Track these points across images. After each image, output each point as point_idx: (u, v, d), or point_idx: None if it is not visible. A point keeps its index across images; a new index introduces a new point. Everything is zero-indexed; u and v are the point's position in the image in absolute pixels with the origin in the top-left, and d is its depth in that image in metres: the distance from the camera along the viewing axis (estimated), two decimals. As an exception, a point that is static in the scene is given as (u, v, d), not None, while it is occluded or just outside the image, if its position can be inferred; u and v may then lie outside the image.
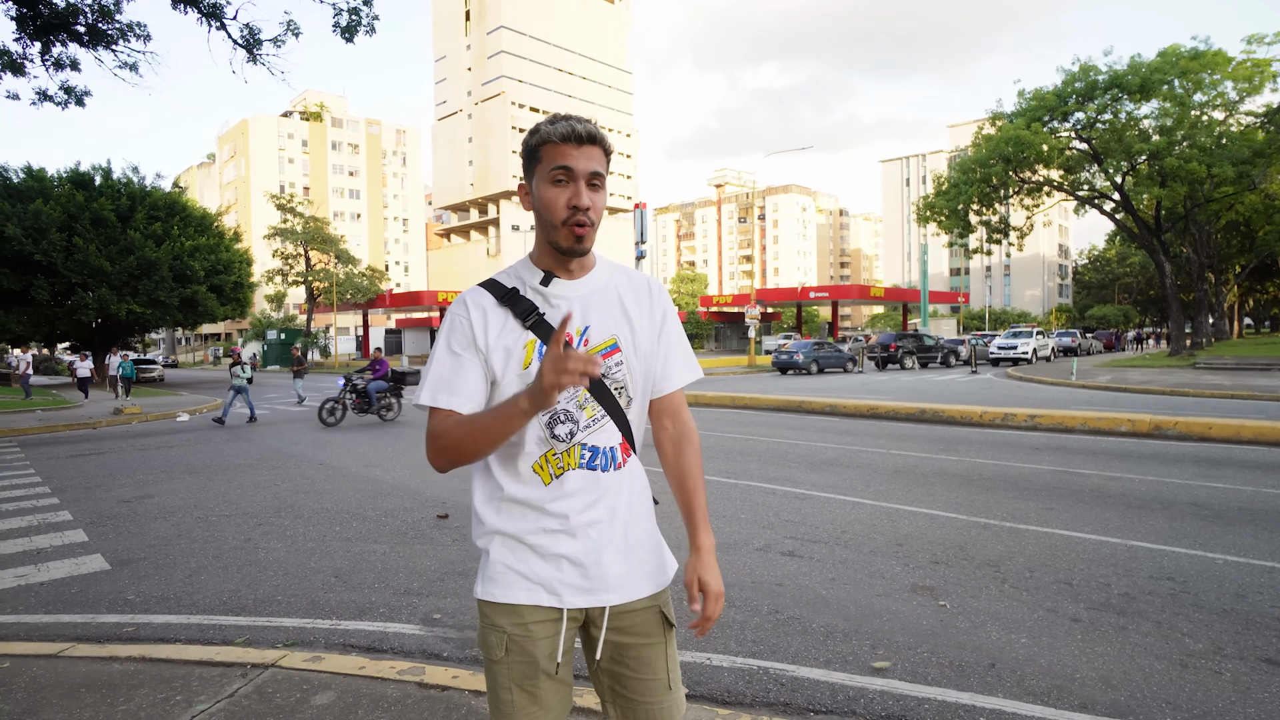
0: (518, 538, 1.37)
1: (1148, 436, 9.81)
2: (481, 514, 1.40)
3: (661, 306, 1.48)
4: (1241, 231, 39.06)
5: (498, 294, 1.38)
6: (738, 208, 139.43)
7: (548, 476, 1.36)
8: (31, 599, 4.31)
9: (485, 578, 1.39)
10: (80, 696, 2.91)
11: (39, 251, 26.83)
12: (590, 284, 1.41)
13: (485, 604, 1.39)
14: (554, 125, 1.32)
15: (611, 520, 1.39)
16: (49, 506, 6.85)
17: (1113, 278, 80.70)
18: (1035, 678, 2.95)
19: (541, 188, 1.34)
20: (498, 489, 1.39)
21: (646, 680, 1.42)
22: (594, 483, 1.37)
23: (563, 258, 1.38)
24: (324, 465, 8.87)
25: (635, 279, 1.48)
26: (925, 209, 32.85)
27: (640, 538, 1.44)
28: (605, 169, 1.36)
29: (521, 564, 1.36)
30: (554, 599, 1.36)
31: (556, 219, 1.32)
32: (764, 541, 5.01)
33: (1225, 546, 4.67)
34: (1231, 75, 26.42)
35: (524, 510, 1.37)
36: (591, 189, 1.33)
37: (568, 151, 1.31)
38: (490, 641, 1.37)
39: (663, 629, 1.44)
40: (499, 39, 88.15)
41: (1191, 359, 26.77)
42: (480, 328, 1.35)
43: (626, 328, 1.41)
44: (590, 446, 1.37)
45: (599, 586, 1.37)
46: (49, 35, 10.85)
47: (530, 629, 1.35)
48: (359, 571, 4.60)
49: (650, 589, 1.43)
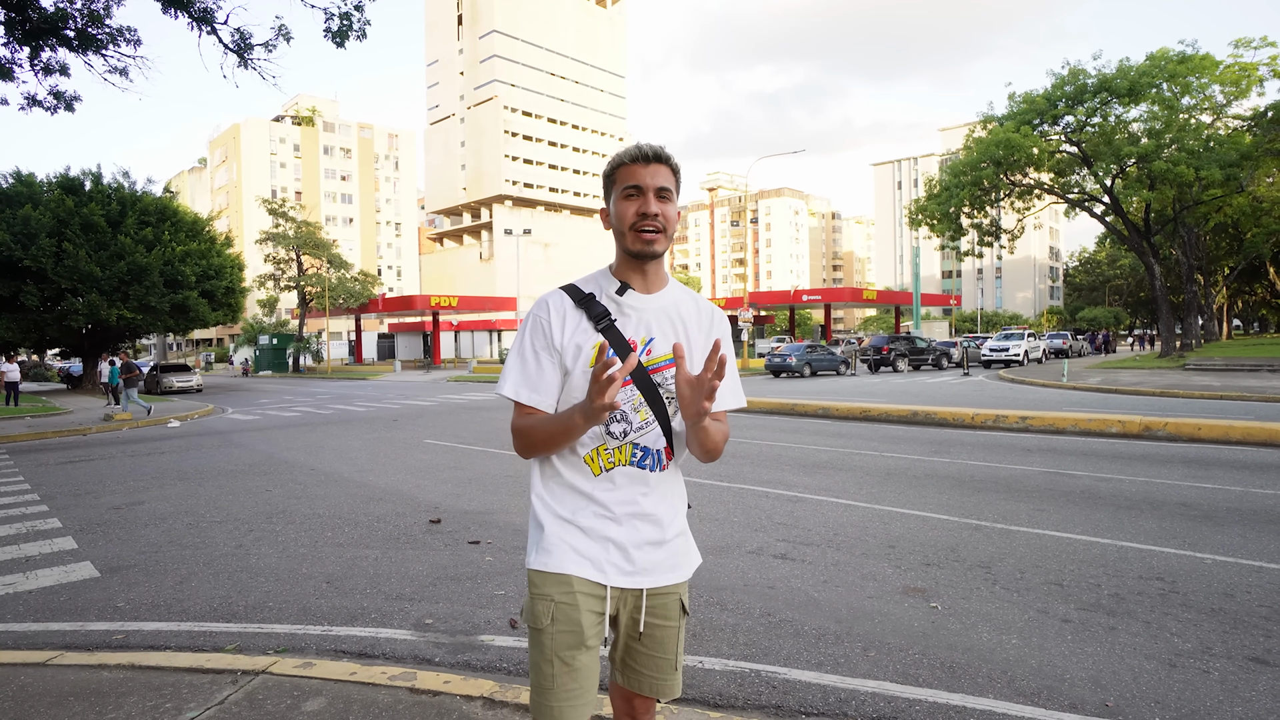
0: (570, 519, 1.52)
1: (1138, 438, 9.87)
2: (539, 491, 1.57)
3: (719, 335, 1.59)
4: (1230, 234, 39.38)
5: (576, 297, 1.54)
6: (730, 211, 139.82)
7: (597, 468, 1.52)
8: (20, 607, 4.27)
9: (540, 549, 1.53)
10: (69, 705, 2.89)
11: (28, 257, 26.64)
12: (660, 300, 1.56)
13: (536, 574, 1.52)
14: (626, 150, 1.51)
15: (652, 515, 1.54)
16: (38, 514, 6.79)
17: (1103, 280, 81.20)
18: (1026, 678, 2.96)
19: (616, 204, 1.52)
20: (555, 473, 1.55)
21: (657, 658, 1.59)
22: (641, 480, 1.54)
23: (638, 264, 1.53)
24: (316, 471, 8.84)
25: (702, 306, 1.63)
26: (917, 212, 32.99)
27: (675, 533, 1.59)
28: (674, 185, 1.52)
29: (574, 540, 1.51)
30: (600, 575, 1.50)
31: (625, 226, 1.49)
32: (756, 544, 5.02)
33: (1214, 546, 4.70)
34: (1219, 79, 26.66)
35: (575, 495, 1.53)
36: (660, 200, 1.49)
37: (637, 170, 1.49)
38: (538, 611, 1.50)
39: (680, 615, 1.61)
40: (491, 43, 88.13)
41: (1181, 360, 26.95)
42: (559, 328, 1.52)
43: (686, 346, 1.54)
44: (642, 447, 1.54)
45: (638, 570, 1.53)
46: (38, 40, 10.80)
47: (577, 599, 1.49)
48: (351, 577, 4.59)
49: (678, 578, 1.59)
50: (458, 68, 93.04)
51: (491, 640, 3.53)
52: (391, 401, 20.60)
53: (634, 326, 1.52)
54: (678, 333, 1.55)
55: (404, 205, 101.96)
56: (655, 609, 1.57)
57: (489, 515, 6.15)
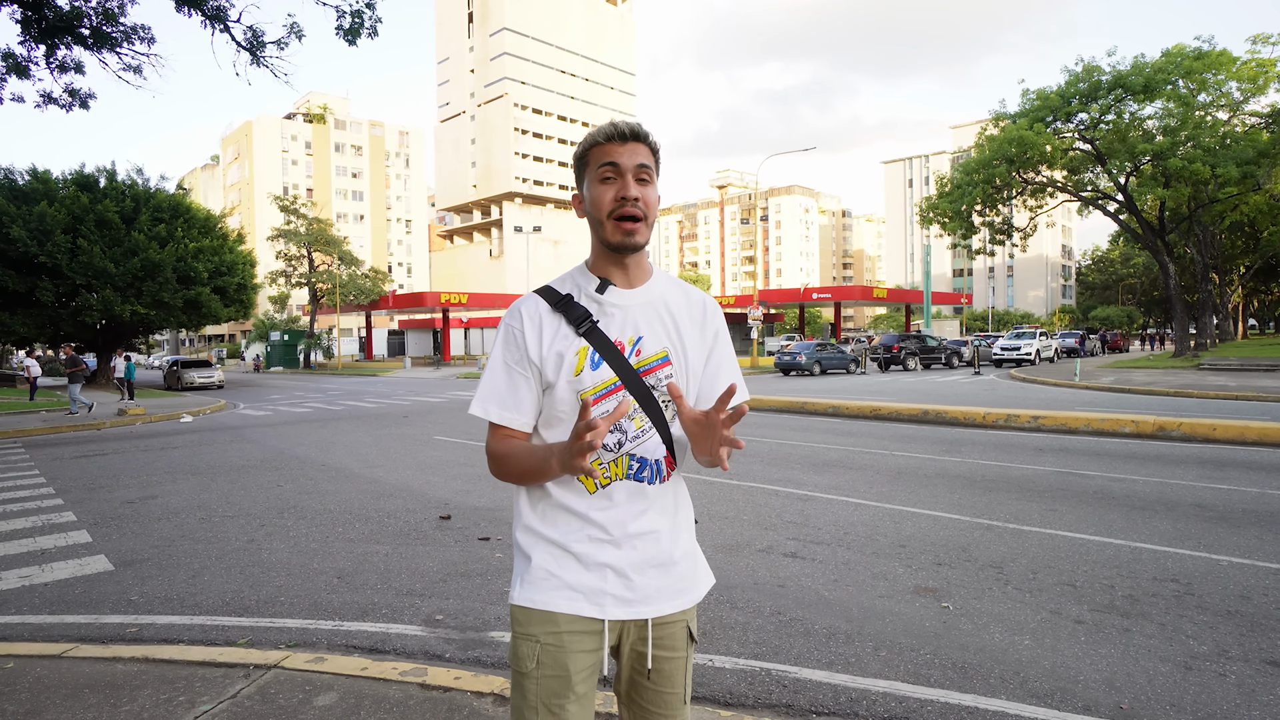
0: (562, 545, 1.35)
1: (1152, 438, 9.78)
2: (526, 518, 1.39)
3: (714, 327, 1.46)
4: (1246, 232, 38.96)
5: (552, 301, 1.38)
6: (740, 209, 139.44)
7: (593, 485, 1.35)
8: (35, 600, 4.32)
9: (525, 582, 1.36)
10: (83, 697, 2.91)
11: (44, 253, 26.90)
12: (646, 294, 1.40)
13: (520, 610, 1.35)
14: (598, 129, 1.35)
15: (655, 533, 1.37)
16: (53, 507, 6.86)
17: (1116, 278, 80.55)
18: (1038, 679, 2.94)
19: (591, 188, 1.35)
20: (544, 495, 1.37)
21: (664, 693, 1.42)
22: (640, 494, 1.36)
23: (617, 257, 1.37)
24: (327, 466, 8.88)
25: (692, 296, 1.46)
26: (928, 210, 32.80)
27: (681, 552, 1.42)
28: (654, 165, 1.36)
29: (564, 571, 1.34)
30: (596, 609, 1.33)
31: (604, 213, 1.33)
32: (766, 543, 5.01)
33: (1230, 548, 4.66)
34: (1236, 75, 26.35)
35: (569, 517, 1.35)
36: (640, 183, 1.33)
37: (613, 149, 1.33)
38: (521, 653, 1.34)
39: (687, 643, 1.44)
40: (502, 41, 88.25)
41: (1196, 360, 26.69)
42: (534, 339, 1.35)
43: (678, 342, 1.40)
44: (638, 458, 1.36)
45: (640, 598, 1.35)
46: (53, 38, 10.89)
47: (564, 639, 1.32)
48: (361, 572, 4.61)
49: (685, 604, 1.42)
50: (468, 65, 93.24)
51: (502, 637, 3.54)
52: (402, 398, 20.68)
53: (619, 326, 1.36)
54: (667, 328, 1.39)
55: (414, 202, 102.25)
56: (661, 640, 1.39)
57: (499, 512, 6.16)
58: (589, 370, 1.33)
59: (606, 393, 1.33)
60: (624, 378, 1.34)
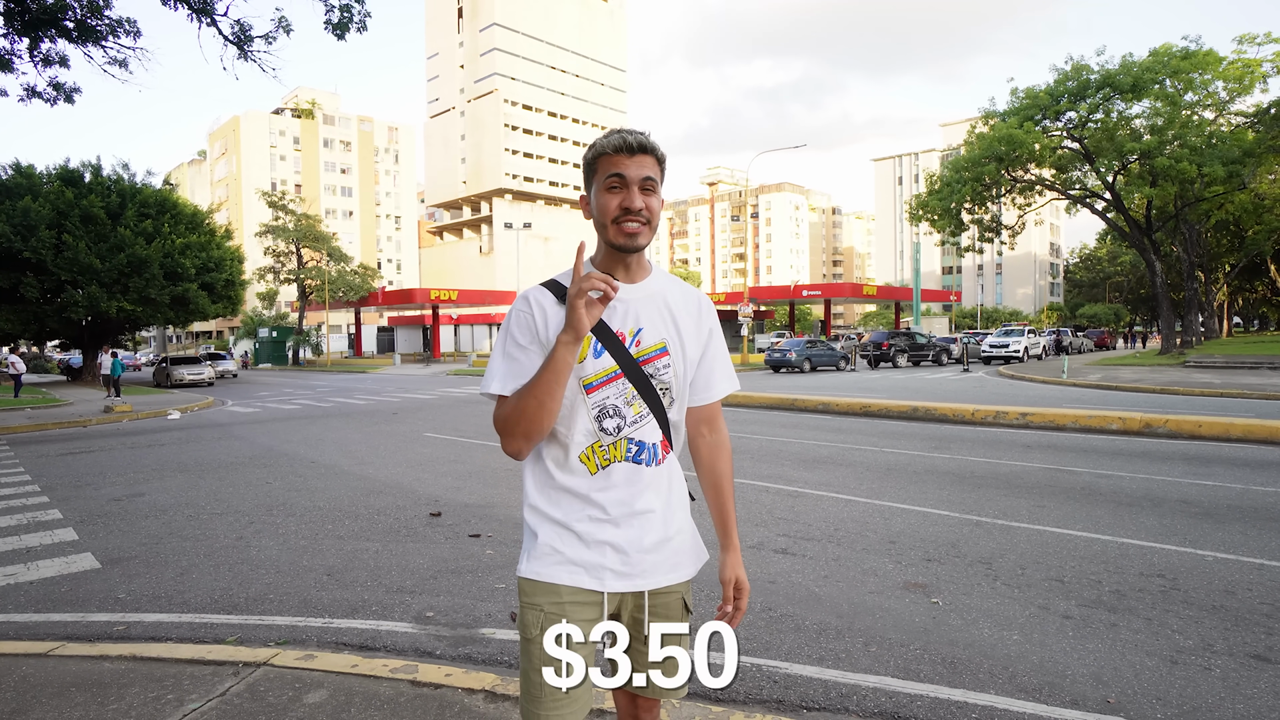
0: (565, 524, 1.46)
1: (1138, 434, 9.87)
2: (533, 500, 1.50)
3: (708, 324, 1.58)
4: (1231, 230, 39.33)
5: (557, 293, 1.47)
6: (730, 206, 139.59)
7: (594, 466, 1.46)
8: (21, 598, 4.28)
9: (531, 557, 1.48)
10: (70, 695, 2.89)
11: (28, 249, 26.60)
12: (645, 289, 1.51)
13: (527, 582, 1.48)
14: (608, 138, 1.44)
15: (651, 512, 1.49)
16: (38, 505, 6.80)
17: (1104, 276, 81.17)
18: (1027, 674, 2.96)
19: (598, 195, 1.45)
20: (549, 477, 1.48)
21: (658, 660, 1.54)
22: (637, 476, 1.48)
23: (620, 256, 1.47)
24: (316, 463, 8.84)
25: (688, 293, 1.57)
26: (918, 207, 32.95)
27: (677, 529, 1.54)
28: (658, 175, 1.46)
29: (567, 548, 1.46)
30: (595, 582, 1.45)
31: (608, 219, 1.43)
32: (757, 539, 5.02)
33: (1215, 543, 4.71)
34: (1222, 75, 26.56)
35: (571, 498, 1.47)
36: (644, 193, 1.43)
37: (620, 160, 1.42)
38: (527, 620, 1.47)
39: (683, 614, 1.57)
40: (491, 36, 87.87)
41: (1181, 357, 26.94)
42: (542, 323, 1.45)
43: (675, 334, 1.51)
44: (637, 441, 1.48)
45: (636, 572, 1.47)
46: (37, 31, 10.75)
47: (566, 609, 1.44)
48: (351, 570, 4.59)
49: (680, 577, 1.55)
50: (458, 61, 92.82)
51: (492, 633, 3.54)
52: (391, 394, 20.59)
53: (620, 318, 1.46)
54: (665, 321, 1.50)
55: (404, 198, 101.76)
56: (656, 609, 1.52)
57: (489, 509, 6.15)
58: (591, 358, 1.44)
59: (607, 379, 1.45)
60: (623, 366, 1.45)
